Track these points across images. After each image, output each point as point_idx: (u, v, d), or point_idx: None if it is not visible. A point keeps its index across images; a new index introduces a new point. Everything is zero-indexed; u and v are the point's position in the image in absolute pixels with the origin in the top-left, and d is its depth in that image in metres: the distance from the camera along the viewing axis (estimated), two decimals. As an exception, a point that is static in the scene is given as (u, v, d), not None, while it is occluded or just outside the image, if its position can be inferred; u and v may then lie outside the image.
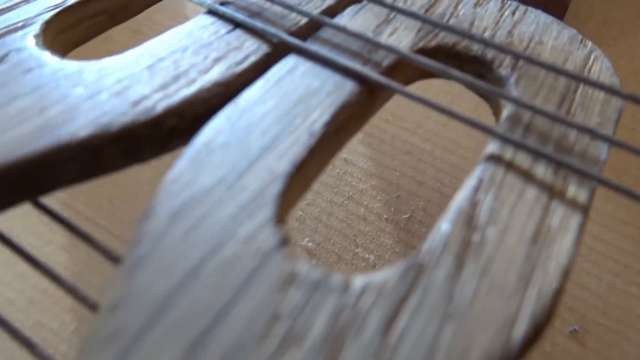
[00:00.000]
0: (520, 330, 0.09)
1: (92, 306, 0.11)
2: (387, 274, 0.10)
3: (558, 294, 0.10)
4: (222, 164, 0.11)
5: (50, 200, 0.13)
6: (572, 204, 0.11)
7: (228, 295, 0.10)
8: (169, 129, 0.12)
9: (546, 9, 0.23)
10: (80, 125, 0.12)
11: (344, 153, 0.25)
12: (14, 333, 0.11)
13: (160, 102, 0.12)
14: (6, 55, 0.13)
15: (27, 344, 0.11)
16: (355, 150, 0.25)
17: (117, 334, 0.09)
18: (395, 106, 0.24)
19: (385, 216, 0.23)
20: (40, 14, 0.15)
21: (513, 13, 0.16)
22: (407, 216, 0.23)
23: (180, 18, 0.30)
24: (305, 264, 0.10)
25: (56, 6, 0.15)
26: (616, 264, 0.21)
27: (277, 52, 0.14)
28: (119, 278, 0.10)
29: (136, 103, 0.12)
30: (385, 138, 0.25)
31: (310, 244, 0.23)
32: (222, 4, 0.15)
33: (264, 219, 0.10)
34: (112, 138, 0.12)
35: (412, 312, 0.09)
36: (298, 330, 0.09)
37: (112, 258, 0.11)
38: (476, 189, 0.11)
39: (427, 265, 0.10)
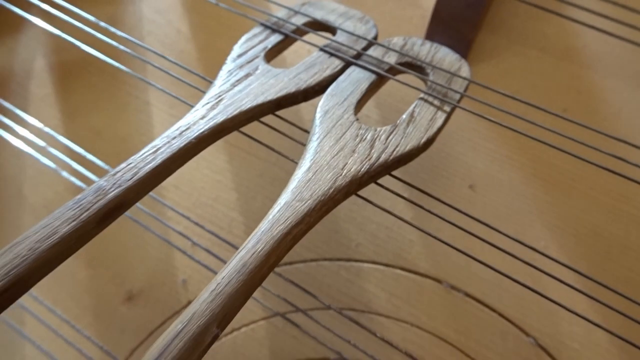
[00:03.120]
0: (425, 139, 0.35)
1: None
2: (389, 126, 0.35)
3: (436, 134, 0.36)
4: (335, 99, 0.37)
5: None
6: (443, 111, 0.37)
7: (344, 130, 0.35)
8: (314, 90, 0.38)
9: (460, 41, 0.50)
10: (284, 86, 0.37)
11: (365, 110, 0.50)
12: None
13: (311, 81, 0.38)
14: (257, 67, 0.39)
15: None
16: (369, 108, 0.50)
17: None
18: (391, 89, 0.50)
19: (386, 140, 0.49)
20: (262, 51, 0.40)
21: (435, 48, 0.42)
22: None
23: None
24: (364, 123, 0.35)
25: (264, 48, 0.41)
26: (491, 150, 0.47)
27: (347, 64, 0.40)
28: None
29: (305, 82, 0.38)
30: (385, 103, 0.50)
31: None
32: (325, 45, 0.41)
33: (351, 113, 0.36)
34: (300, 93, 0.37)
35: (391, 135, 0.35)
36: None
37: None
38: (414, 107, 0.37)
39: (398, 124, 0.36)
